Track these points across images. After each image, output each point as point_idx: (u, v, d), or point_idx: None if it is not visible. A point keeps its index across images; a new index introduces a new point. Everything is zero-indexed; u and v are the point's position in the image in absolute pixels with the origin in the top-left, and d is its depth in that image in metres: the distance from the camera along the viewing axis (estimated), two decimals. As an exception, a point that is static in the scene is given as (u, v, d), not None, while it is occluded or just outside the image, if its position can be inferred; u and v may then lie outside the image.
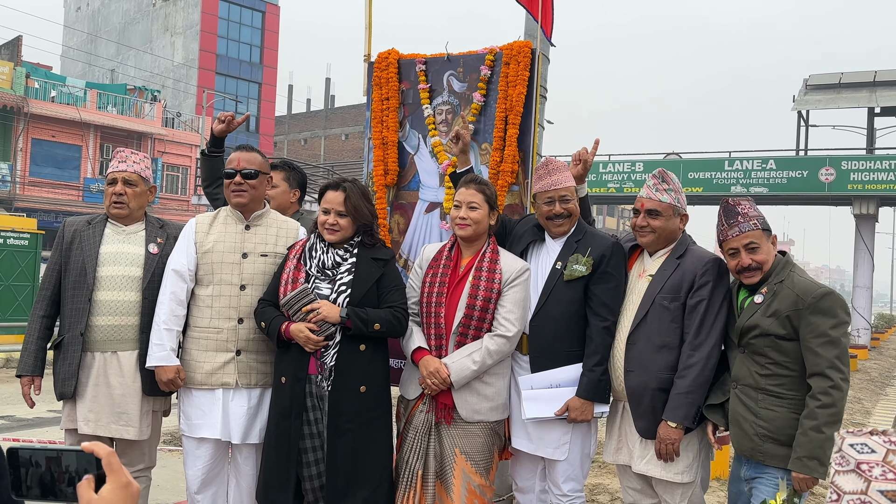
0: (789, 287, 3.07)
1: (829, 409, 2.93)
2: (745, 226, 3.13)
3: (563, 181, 3.49)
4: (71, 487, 1.11)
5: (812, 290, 3.03)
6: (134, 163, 3.71)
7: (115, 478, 1.11)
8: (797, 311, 3.01)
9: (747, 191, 23.74)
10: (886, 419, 10.24)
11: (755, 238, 3.12)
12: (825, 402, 2.94)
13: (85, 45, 42.12)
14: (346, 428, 3.27)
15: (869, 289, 24.63)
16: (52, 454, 1.13)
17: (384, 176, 4.19)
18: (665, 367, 3.28)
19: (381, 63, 4.23)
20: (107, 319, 3.54)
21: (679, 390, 3.23)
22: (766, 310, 3.06)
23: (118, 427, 3.52)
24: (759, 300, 3.10)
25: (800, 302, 3.01)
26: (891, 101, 25.24)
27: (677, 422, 3.21)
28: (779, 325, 3.03)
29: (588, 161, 3.72)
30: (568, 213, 3.48)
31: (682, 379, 3.24)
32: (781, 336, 3.03)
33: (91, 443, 1.13)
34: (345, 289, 3.33)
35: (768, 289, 3.10)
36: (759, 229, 3.12)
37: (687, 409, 3.21)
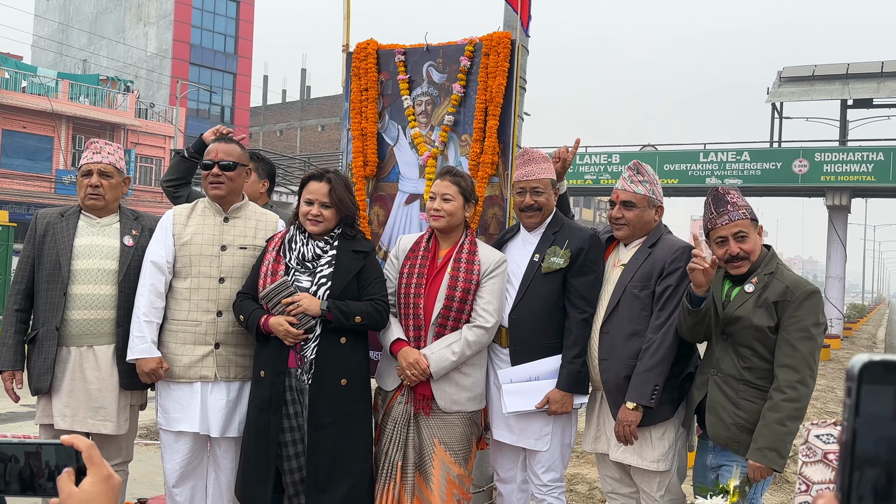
0: (779, 279, 3.09)
1: (794, 404, 2.95)
2: (735, 214, 3.13)
3: (535, 172, 3.48)
4: (51, 482, 1.10)
5: (802, 285, 3.07)
6: (109, 154, 3.66)
7: (96, 470, 1.09)
8: (784, 301, 3.03)
9: (722, 182, 23.92)
10: (858, 407, 10.38)
11: (744, 227, 3.12)
12: (791, 395, 2.96)
13: (56, 34, 41.47)
14: (327, 421, 3.26)
15: (841, 279, 24.96)
16: (32, 448, 1.11)
17: (363, 167, 4.17)
18: (634, 355, 3.28)
19: (360, 53, 4.20)
20: (82, 313, 3.50)
21: (638, 370, 3.23)
22: (757, 300, 3.08)
23: (95, 422, 3.48)
24: (749, 289, 3.11)
25: (788, 293, 3.03)
26: (863, 93, 25.56)
27: (634, 401, 3.21)
28: (767, 315, 3.04)
29: (567, 160, 3.73)
30: (538, 206, 3.48)
31: (642, 360, 3.23)
32: (769, 328, 3.05)
33: (71, 436, 1.11)
34: (325, 281, 3.32)
35: (759, 279, 3.11)
36: (747, 219, 3.13)
37: (643, 388, 3.20)
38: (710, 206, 3.21)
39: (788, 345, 3.01)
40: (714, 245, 3.20)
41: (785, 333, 3.02)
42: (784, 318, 3.03)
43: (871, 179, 22.90)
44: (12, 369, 3.57)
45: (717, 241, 3.18)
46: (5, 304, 3.67)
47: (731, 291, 3.20)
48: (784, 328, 3.03)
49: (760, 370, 3.08)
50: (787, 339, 3.01)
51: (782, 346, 3.02)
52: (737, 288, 3.18)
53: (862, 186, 23.33)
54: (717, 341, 3.20)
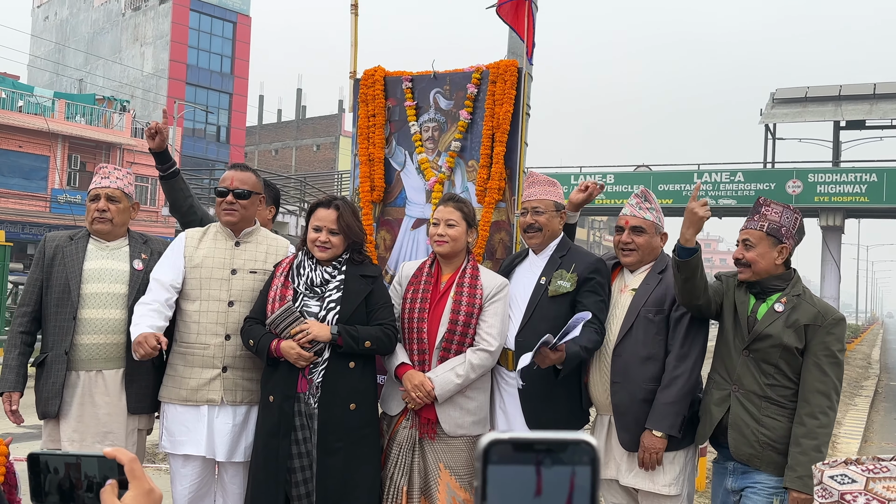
0: (809, 302, 3.16)
1: (826, 430, 3.01)
2: (753, 224, 3.24)
3: (537, 194, 3.54)
4: (90, 493, 1.10)
5: (832, 312, 3.14)
6: (117, 178, 3.68)
7: (138, 484, 1.09)
8: (815, 325, 3.09)
9: (716, 203, 24.07)
10: (856, 429, 10.41)
11: (752, 237, 3.21)
12: (824, 421, 3.01)
13: (53, 54, 41.57)
14: (336, 446, 3.26)
15: (836, 300, 25.06)
16: (72, 460, 1.11)
17: (370, 192, 4.20)
18: (650, 379, 3.33)
19: (368, 80, 4.25)
20: (92, 338, 3.50)
21: (665, 400, 3.26)
22: (787, 320, 3.13)
23: (103, 447, 3.47)
24: (779, 309, 3.17)
25: (819, 318, 3.10)
26: (856, 114, 25.80)
27: (663, 431, 3.25)
28: (795, 336, 3.09)
29: (593, 194, 3.75)
30: (538, 227, 3.51)
31: (668, 389, 3.28)
32: (796, 349, 3.10)
33: (113, 448, 1.11)
34: (334, 306, 3.34)
35: (788, 299, 3.17)
36: (762, 231, 3.20)
37: (673, 419, 3.25)
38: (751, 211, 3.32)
39: (819, 370, 3.06)
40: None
41: (815, 358, 3.07)
42: (814, 342, 3.08)
43: (864, 200, 23.07)
44: (12, 391, 3.55)
45: (736, 243, 3.31)
46: (11, 326, 3.67)
47: (757, 307, 3.24)
48: (813, 353, 3.08)
49: (783, 388, 3.13)
50: (817, 363, 3.07)
51: (812, 370, 3.07)
52: (762, 304, 3.23)
53: (855, 207, 23.49)
54: (739, 357, 3.22)
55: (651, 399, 3.32)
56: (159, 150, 3.83)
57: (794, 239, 3.24)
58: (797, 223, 3.26)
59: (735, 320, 3.26)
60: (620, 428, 3.37)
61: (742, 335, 3.21)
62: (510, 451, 0.56)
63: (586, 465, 0.56)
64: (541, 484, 0.55)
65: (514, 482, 0.55)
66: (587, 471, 0.56)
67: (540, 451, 0.56)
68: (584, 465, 0.56)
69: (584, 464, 0.56)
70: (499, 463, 0.56)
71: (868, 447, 9.69)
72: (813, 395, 3.04)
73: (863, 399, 13.86)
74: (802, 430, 3.03)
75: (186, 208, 3.95)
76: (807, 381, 3.07)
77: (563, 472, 0.56)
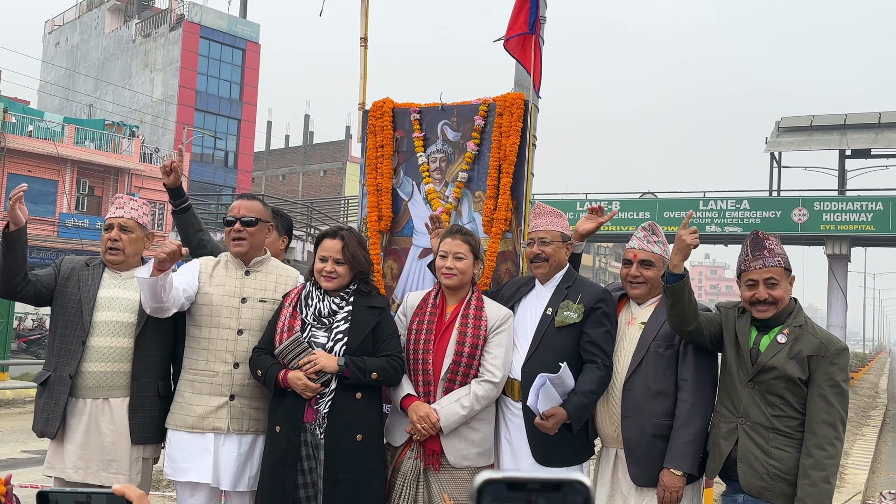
0: (811, 333, 3.16)
1: (834, 460, 3.02)
2: (770, 261, 3.19)
3: (543, 224, 3.59)
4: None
5: (835, 342, 3.14)
6: (132, 209, 3.72)
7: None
8: (818, 356, 3.09)
9: (722, 230, 24.08)
10: (864, 460, 10.33)
11: (776, 275, 3.18)
12: (831, 452, 3.01)
13: (63, 80, 42.02)
14: (342, 478, 3.26)
15: (843, 328, 24.95)
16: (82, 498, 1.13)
17: (378, 222, 4.24)
18: (661, 414, 3.33)
19: (376, 111, 4.30)
20: (99, 366, 3.52)
21: (685, 438, 3.28)
22: (790, 351, 3.13)
23: (108, 475, 3.49)
24: (782, 340, 3.16)
25: (822, 349, 3.10)
26: (861, 143, 25.86)
27: (684, 470, 3.26)
28: (799, 368, 3.10)
29: (601, 222, 3.82)
30: (545, 257, 3.55)
31: (687, 427, 3.29)
32: (800, 380, 3.10)
33: (123, 486, 1.13)
34: (341, 337, 3.36)
35: (790, 331, 3.17)
36: (781, 267, 3.20)
37: (693, 457, 3.27)
38: (747, 249, 3.27)
39: (824, 400, 3.06)
40: (743, 286, 3.26)
41: (819, 389, 3.07)
42: (818, 373, 3.08)
43: (870, 229, 23.05)
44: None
45: (747, 282, 3.24)
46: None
47: (759, 339, 3.24)
48: (818, 384, 3.08)
49: (790, 419, 3.13)
50: (822, 394, 3.06)
51: (818, 401, 3.07)
52: (765, 336, 3.23)
53: (861, 235, 23.47)
54: (744, 389, 3.21)
55: (662, 434, 3.32)
56: (174, 186, 3.90)
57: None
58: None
59: (738, 353, 3.26)
60: (631, 463, 3.37)
61: (746, 368, 3.21)
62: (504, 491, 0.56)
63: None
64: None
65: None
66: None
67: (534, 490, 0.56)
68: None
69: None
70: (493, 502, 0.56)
71: (876, 478, 9.60)
72: (819, 427, 3.04)
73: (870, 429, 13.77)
74: (811, 462, 3.02)
75: (196, 242, 3.98)
76: (812, 412, 3.07)
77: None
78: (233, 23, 38.15)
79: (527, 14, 3.99)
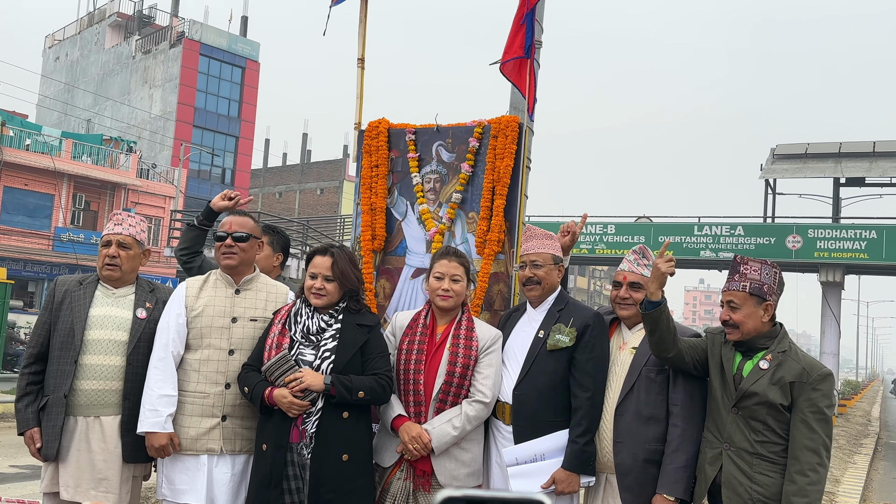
0: (794, 359, 3.17)
1: (817, 486, 3.01)
2: (735, 284, 3.24)
3: (535, 247, 3.60)
4: None
5: (818, 368, 3.15)
6: (130, 226, 3.73)
7: None
8: (801, 383, 3.10)
9: (716, 256, 24.12)
10: (855, 488, 10.30)
11: (737, 298, 3.22)
12: (814, 479, 3.01)
13: (62, 94, 42.12)
14: (328, 498, 3.23)
15: (836, 355, 24.94)
16: None
17: (371, 241, 4.26)
18: (653, 439, 3.34)
19: (372, 132, 4.33)
20: (91, 384, 3.51)
21: (677, 464, 3.28)
22: (772, 377, 3.13)
23: (98, 493, 3.46)
24: (764, 366, 3.17)
25: (805, 375, 3.11)
26: (856, 171, 25.98)
27: (677, 495, 3.26)
28: (781, 394, 3.10)
29: (576, 233, 3.84)
30: (537, 280, 3.55)
31: (679, 452, 3.29)
32: (782, 406, 3.10)
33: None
34: (329, 355, 3.34)
35: (773, 356, 3.18)
36: (745, 292, 3.21)
37: (686, 483, 3.27)
38: (729, 270, 3.33)
39: (807, 426, 3.05)
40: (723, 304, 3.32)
41: (802, 415, 3.07)
42: (800, 399, 3.09)
43: (864, 257, 23.11)
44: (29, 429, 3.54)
45: (721, 302, 3.32)
46: (20, 368, 3.69)
47: (742, 365, 3.25)
48: (800, 409, 3.08)
49: (773, 444, 3.13)
50: (805, 420, 3.06)
51: (801, 427, 3.07)
52: (748, 362, 3.24)
53: (855, 263, 23.52)
54: (728, 415, 3.22)
55: (653, 459, 3.32)
56: (220, 211, 3.99)
57: (776, 294, 3.25)
58: (776, 278, 3.27)
59: (722, 378, 3.27)
60: (623, 489, 3.36)
61: (730, 393, 3.22)
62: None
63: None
64: None
65: None
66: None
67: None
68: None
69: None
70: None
71: (867, 507, 9.57)
72: (802, 452, 3.04)
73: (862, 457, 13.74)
74: (793, 489, 3.02)
75: (195, 254, 4.07)
76: (795, 438, 3.07)
77: None
78: (233, 41, 38.36)
79: (522, 38, 4.03)
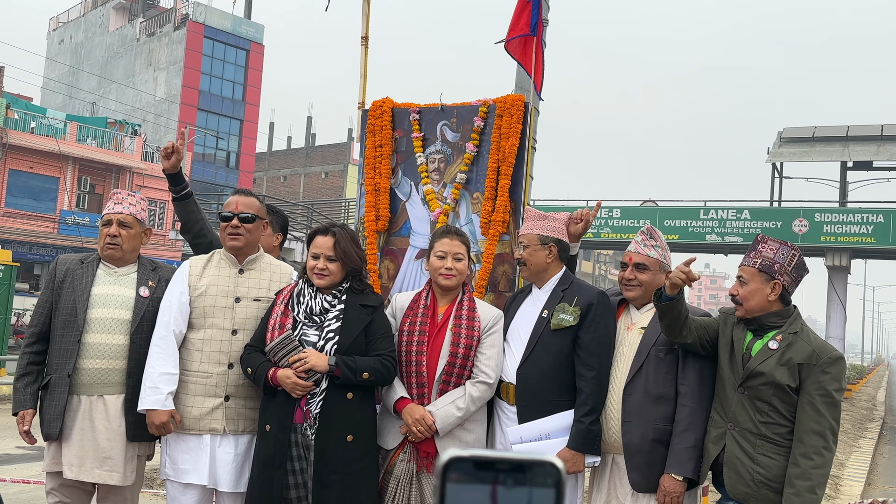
0: (805, 340, 3.14)
1: (821, 470, 2.97)
2: (748, 260, 3.25)
3: (525, 228, 3.59)
4: None
5: (828, 351, 3.11)
6: (130, 205, 3.71)
7: None
8: (809, 364, 3.07)
9: (722, 240, 24.07)
10: (860, 472, 10.30)
11: (746, 274, 3.23)
12: (818, 462, 2.97)
13: (66, 77, 42.04)
14: (332, 479, 3.23)
15: (842, 340, 24.91)
16: None
17: (375, 221, 4.23)
18: (662, 418, 3.31)
19: (376, 111, 4.29)
20: (94, 362, 3.50)
21: (686, 443, 3.26)
22: (781, 357, 3.11)
23: (102, 472, 3.46)
24: (773, 346, 3.14)
25: (814, 357, 3.07)
26: (863, 155, 25.85)
27: (686, 475, 3.24)
28: (789, 375, 3.07)
29: (589, 220, 3.75)
30: (523, 261, 3.53)
31: (688, 432, 3.27)
32: (790, 387, 3.07)
33: None
34: (332, 335, 3.32)
35: (783, 337, 3.15)
36: (754, 268, 3.21)
37: (695, 462, 3.25)
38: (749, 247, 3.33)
39: (814, 409, 3.02)
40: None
41: (809, 398, 3.04)
42: (808, 381, 3.06)
43: (870, 241, 23.04)
44: (24, 409, 3.55)
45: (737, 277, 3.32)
46: (21, 347, 3.69)
47: (752, 344, 3.23)
48: (808, 392, 3.05)
49: (778, 426, 3.10)
50: (812, 403, 3.03)
51: (807, 410, 3.04)
52: (758, 342, 3.21)
53: (861, 248, 23.45)
54: (734, 394, 3.20)
55: (662, 439, 3.30)
56: (174, 170, 3.85)
57: (789, 275, 3.21)
58: (794, 260, 3.22)
59: (731, 357, 3.24)
60: (631, 469, 3.34)
61: (737, 372, 3.20)
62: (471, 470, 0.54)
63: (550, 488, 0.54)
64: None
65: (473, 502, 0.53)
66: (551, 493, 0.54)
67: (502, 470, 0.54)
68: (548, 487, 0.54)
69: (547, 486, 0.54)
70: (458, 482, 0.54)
71: (871, 490, 9.58)
72: (808, 435, 3.01)
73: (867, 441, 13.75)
74: (797, 471, 2.99)
75: (197, 230, 3.95)
76: (802, 420, 3.04)
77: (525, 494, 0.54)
78: (237, 23, 38.20)
79: (528, 16, 3.98)
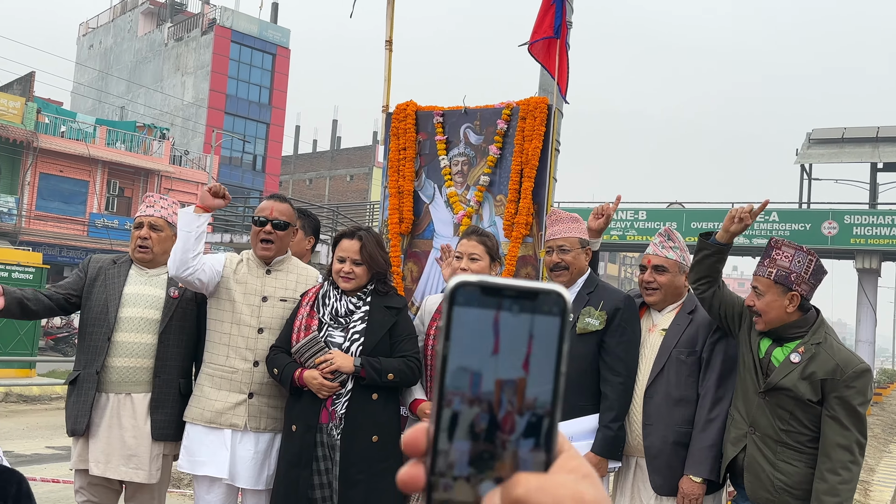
0: (828, 352, 3.01)
1: (849, 485, 2.91)
2: (762, 270, 3.13)
3: (561, 232, 3.53)
4: None
5: (853, 364, 2.98)
6: (161, 208, 3.78)
7: None
8: (833, 380, 2.96)
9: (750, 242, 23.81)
10: (890, 477, 10.15)
11: (761, 285, 3.12)
12: (846, 477, 2.91)
13: (96, 82, 42.61)
14: (358, 479, 3.25)
15: (871, 343, 24.53)
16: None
17: (399, 224, 4.24)
18: (683, 421, 3.29)
19: (399, 114, 4.31)
20: (123, 361, 3.57)
21: (703, 444, 3.23)
22: (803, 371, 3.01)
23: (128, 470, 3.52)
24: (795, 359, 3.05)
25: (839, 372, 2.96)
26: (893, 156, 25.45)
27: (703, 476, 3.21)
28: (811, 390, 2.99)
29: (610, 215, 3.74)
30: (565, 265, 3.49)
31: (706, 433, 3.24)
32: (811, 401, 3.00)
33: None
34: (358, 337, 3.35)
35: (805, 349, 3.05)
36: (769, 279, 3.09)
37: (712, 463, 3.22)
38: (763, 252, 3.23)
39: (839, 423, 2.94)
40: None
41: (832, 412, 2.96)
42: (831, 396, 2.96)
43: (902, 244, 22.67)
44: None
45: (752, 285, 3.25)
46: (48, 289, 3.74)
47: (771, 350, 3.14)
48: (831, 406, 2.96)
49: (799, 434, 3.05)
50: (836, 417, 2.95)
51: (832, 424, 2.95)
52: (778, 349, 3.13)
53: (892, 250, 23.07)
54: (755, 398, 3.14)
55: (683, 442, 3.28)
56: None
57: (807, 283, 3.07)
58: (811, 266, 3.08)
59: (752, 360, 3.18)
60: (652, 471, 3.32)
61: (759, 379, 3.14)
62: (478, 295, 0.54)
63: (556, 316, 0.55)
64: (500, 332, 0.54)
65: (478, 324, 0.54)
66: (556, 321, 0.55)
67: (508, 297, 0.55)
68: (554, 315, 0.55)
69: (553, 314, 0.55)
70: (465, 305, 0.54)
71: (903, 497, 9.42)
72: (834, 450, 2.93)
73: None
74: (824, 487, 2.92)
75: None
76: (827, 434, 2.96)
77: (528, 320, 0.55)
78: (263, 28, 38.50)
79: (552, 18, 3.98)
